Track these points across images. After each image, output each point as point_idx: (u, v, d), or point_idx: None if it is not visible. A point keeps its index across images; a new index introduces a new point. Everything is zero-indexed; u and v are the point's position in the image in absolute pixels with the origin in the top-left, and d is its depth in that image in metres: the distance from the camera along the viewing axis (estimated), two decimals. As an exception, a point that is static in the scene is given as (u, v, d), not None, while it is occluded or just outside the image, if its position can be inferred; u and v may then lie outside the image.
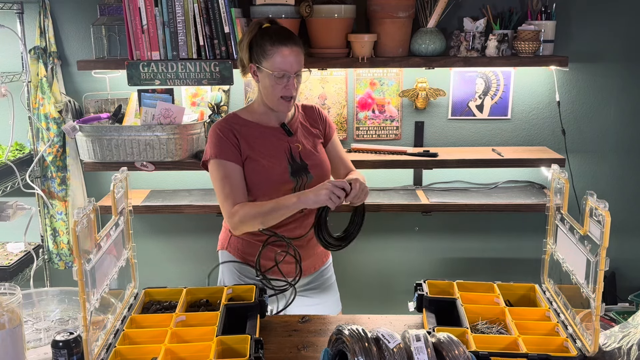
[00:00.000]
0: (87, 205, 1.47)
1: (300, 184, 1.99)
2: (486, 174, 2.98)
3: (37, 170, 2.85)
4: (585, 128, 2.95)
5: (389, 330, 1.33)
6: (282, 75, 1.92)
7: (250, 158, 1.98)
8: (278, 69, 1.91)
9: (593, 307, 1.49)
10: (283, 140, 2.02)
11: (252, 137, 2.00)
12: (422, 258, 3.13)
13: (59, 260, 2.94)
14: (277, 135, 2.02)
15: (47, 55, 2.77)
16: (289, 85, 1.93)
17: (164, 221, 3.06)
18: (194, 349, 1.53)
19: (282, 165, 1.99)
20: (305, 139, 2.07)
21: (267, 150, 1.99)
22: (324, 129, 2.15)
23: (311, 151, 2.06)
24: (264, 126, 2.02)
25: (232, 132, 1.98)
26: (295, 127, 2.07)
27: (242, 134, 2.00)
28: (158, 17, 2.54)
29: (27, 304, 1.85)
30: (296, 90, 1.97)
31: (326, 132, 2.15)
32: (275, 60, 1.90)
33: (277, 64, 1.91)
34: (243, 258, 2.08)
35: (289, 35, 1.95)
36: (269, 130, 2.02)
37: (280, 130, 2.03)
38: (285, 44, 1.91)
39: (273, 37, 1.92)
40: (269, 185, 1.97)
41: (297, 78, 1.95)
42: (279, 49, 1.90)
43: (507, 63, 2.67)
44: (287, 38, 1.93)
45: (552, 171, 1.81)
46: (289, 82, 1.93)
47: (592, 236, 1.51)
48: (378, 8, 2.62)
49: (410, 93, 2.86)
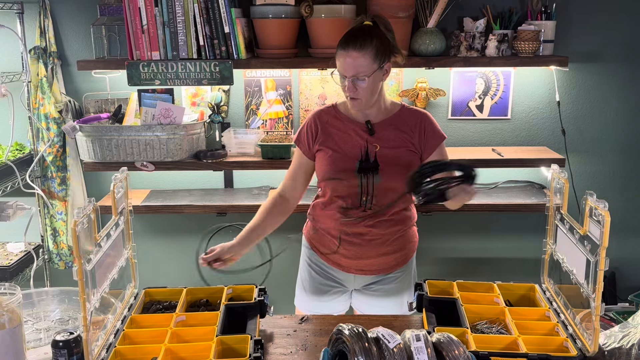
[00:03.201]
0: (87, 205, 1.47)
1: (366, 183, 1.97)
2: (486, 174, 2.98)
3: (37, 170, 2.85)
4: (585, 128, 2.95)
5: (389, 330, 1.34)
6: (342, 77, 1.96)
7: (322, 148, 2.03)
8: (338, 71, 1.97)
9: (593, 307, 1.49)
10: (362, 137, 2.01)
11: (335, 128, 2.05)
12: (422, 258, 3.12)
13: (59, 260, 2.94)
14: (358, 132, 2.02)
15: (47, 55, 2.77)
16: (347, 87, 1.94)
17: (164, 221, 3.06)
18: (194, 349, 1.53)
19: (351, 160, 1.99)
20: (391, 141, 2.01)
21: (343, 143, 2.01)
22: (421, 137, 2.03)
23: (390, 154, 2.00)
24: (351, 120, 2.05)
25: (316, 123, 2.07)
26: (382, 127, 2.03)
27: (327, 124, 2.05)
28: (158, 17, 2.54)
29: (27, 304, 1.85)
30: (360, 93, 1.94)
31: (422, 143, 2.03)
32: (337, 61, 1.96)
33: (338, 66, 1.96)
34: (311, 243, 2.16)
35: (356, 37, 1.93)
36: (352, 125, 2.04)
37: (363, 127, 2.03)
38: (344, 48, 1.92)
39: (342, 38, 1.95)
40: (332, 175, 1.99)
41: (358, 81, 1.93)
42: (339, 52, 1.94)
43: (507, 63, 2.67)
44: (349, 42, 1.92)
45: (552, 171, 1.81)
46: (347, 85, 1.94)
47: (592, 236, 1.51)
48: (378, 8, 2.61)
49: (410, 93, 2.86)
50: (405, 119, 2.05)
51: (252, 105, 2.92)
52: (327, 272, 2.13)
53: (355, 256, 2.05)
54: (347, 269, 2.08)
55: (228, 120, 2.91)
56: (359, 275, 2.09)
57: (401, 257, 2.10)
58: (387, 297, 2.10)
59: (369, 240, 2.02)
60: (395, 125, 2.03)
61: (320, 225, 2.10)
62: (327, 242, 2.08)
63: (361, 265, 2.06)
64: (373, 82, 1.93)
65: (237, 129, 2.85)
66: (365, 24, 1.97)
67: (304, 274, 2.19)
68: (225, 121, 2.86)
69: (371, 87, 1.94)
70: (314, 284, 2.15)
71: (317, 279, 2.14)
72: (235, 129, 2.83)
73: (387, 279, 2.10)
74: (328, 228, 2.07)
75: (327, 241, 2.08)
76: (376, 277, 2.09)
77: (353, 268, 2.08)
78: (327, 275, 2.13)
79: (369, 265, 2.06)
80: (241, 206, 2.76)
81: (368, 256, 2.04)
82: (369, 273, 2.08)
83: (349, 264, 2.07)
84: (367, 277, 2.10)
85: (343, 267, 2.09)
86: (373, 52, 1.90)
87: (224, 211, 2.80)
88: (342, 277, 2.12)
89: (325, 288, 2.13)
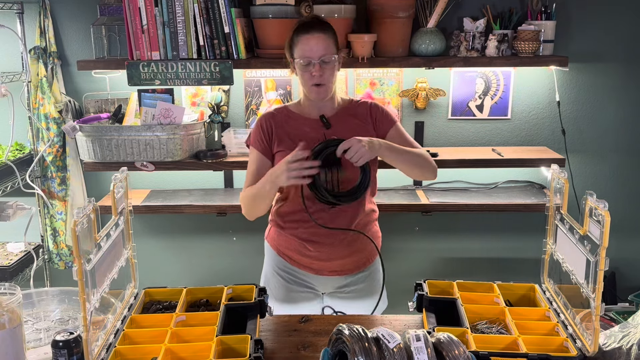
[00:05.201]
0: (87, 205, 1.47)
1: (330, 177, 1.96)
2: (486, 174, 2.98)
3: (37, 170, 2.85)
4: (585, 128, 2.95)
5: (389, 330, 1.33)
6: (307, 63, 1.95)
7: (280, 150, 2.01)
8: (301, 56, 1.96)
9: (593, 307, 1.49)
10: (318, 132, 2.01)
11: (291, 127, 2.04)
12: (422, 258, 3.13)
13: (59, 260, 2.94)
14: (314, 127, 2.03)
15: (47, 55, 2.77)
16: (314, 71, 1.95)
17: (164, 221, 3.06)
18: (194, 349, 1.53)
19: None
20: (349, 133, 1.98)
21: (299, 140, 1.96)
22: (374, 124, 2.08)
23: None
24: (304, 117, 2.06)
25: (270, 124, 2.06)
26: (337, 120, 2.05)
27: (281, 125, 2.05)
28: (158, 17, 2.54)
29: (27, 304, 1.85)
30: (326, 77, 1.96)
31: (377, 128, 2.08)
32: (299, 48, 1.96)
33: (300, 52, 1.96)
34: (277, 250, 2.13)
35: (314, 23, 1.98)
36: (308, 121, 2.05)
37: (318, 122, 2.04)
38: (308, 31, 1.95)
39: (299, 28, 1.98)
40: None
41: (325, 64, 1.95)
42: (301, 37, 1.95)
43: (507, 63, 2.67)
44: (310, 26, 1.96)
45: (552, 171, 1.81)
46: (314, 68, 1.94)
47: (592, 236, 1.51)
48: (378, 8, 2.61)
49: (410, 93, 2.86)
50: (356, 109, 2.09)
51: (252, 105, 2.92)
52: (297, 278, 2.11)
53: (328, 257, 2.04)
54: (319, 272, 2.08)
55: (228, 120, 2.91)
56: (331, 276, 2.08)
57: (369, 253, 2.11)
58: (358, 298, 2.11)
59: (340, 239, 2.02)
60: (351, 117, 2.07)
61: (287, 229, 2.07)
62: (296, 246, 2.06)
63: (333, 266, 2.06)
64: (336, 66, 1.99)
65: (237, 129, 2.85)
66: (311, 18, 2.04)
67: (273, 282, 2.14)
68: (225, 121, 2.86)
69: (334, 71, 1.98)
70: (284, 291, 2.12)
71: (287, 286, 2.12)
72: (235, 129, 2.83)
73: (357, 279, 2.10)
74: (295, 232, 2.05)
75: (296, 244, 2.06)
76: (347, 278, 2.09)
77: (325, 270, 2.07)
78: (297, 281, 2.11)
79: (340, 265, 2.06)
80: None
81: (340, 256, 2.04)
82: (342, 273, 2.08)
83: (320, 266, 2.06)
84: (339, 279, 2.09)
85: (314, 270, 2.07)
86: (333, 36, 1.98)
87: (224, 211, 2.80)
88: (313, 281, 2.10)
89: (296, 295, 2.11)
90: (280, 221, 2.09)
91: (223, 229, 3.07)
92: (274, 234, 2.14)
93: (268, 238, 2.18)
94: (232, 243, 3.10)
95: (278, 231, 2.12)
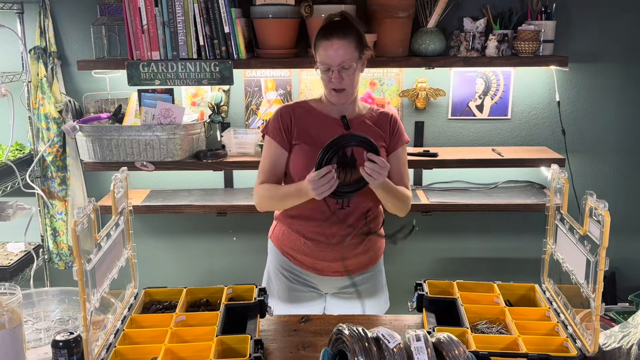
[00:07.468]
0: (87, 205, 1.47)
1: (343, 177, 1.95)
2: (486, 174, 2.98)
3: (37, 170, 2.85)
4: (585, 128, 2.95)
5: (389, 330, 1.33)
6: (326, 69, 1.95)
7: (298, 143, 2.01)
8: (321, 62, 1.96)
9: (593, 307, 1.49)
10: (338, 132, 1.99)
11: (310, 123, 2.03)
12: (422, 258, 3.13)
13: (59, 260, 2.94)
14: (334, 126, 2.02)
15: (47, 55, 2.77)
16: (333, 77, 1.95)
17: (164, 221, 3.06)
18: (194, 349, 1.53)
19: None
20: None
21: (319, 137, 1.97)
22: (390, 137, 2.07)
23: None
24: (325, 115, 2.05)
25: (290, 116, 2.04)
26: (357, 123, 2.04)
27: (301, 119, 2.03)
28: (158, 17, 2.54)
29: (27, 304, 1.85)
30: (346, 82, 1.95)
31: (390, 142, 2.08)
32: (320, 53, 1.95)
33: (321, 58, 1.95)
34: (281, 249, 2.12)
35: (336, 28, 1.95)
36: (328, 120, 2.04)
37: (339, 122, 2.03)
38: (327, 38, 1.93)
39: (321, 31, 1.96)
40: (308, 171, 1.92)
41: (344, 70, 1.94)
42: (322, 43, 1.94)
43: (507, 63, 2.67)
44: (331, 32, 1.93)
45: (552, 171, 1.81)
46: (333, 75, 1.94)
47: (592, 236, 1.51)
48: (378, 8, 2.61)
49: (410, 93, 2.86)
50: (377, 118, 2.08)
51: (252, 105, 2.92)
52: (301, 278, 2.11)
53: (333, 258, 2.03)
54: (323, 272, 2.07)
55: (228, 120, 2.91)
56: (335, 277, 2.08)
57: (373, 255, 2.11)
58: (361, 298, 2.11)
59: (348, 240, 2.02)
60: (370, 123, 2.06)
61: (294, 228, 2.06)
62: (301, 245, 2.06)
63: (337, 266, 2.05)
64: (356, 71, 1.97)
65: (237, 129, 2.85)
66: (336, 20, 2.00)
67: (276, 282, 2.15)
68: (225, 121, 2.87)
69: (354, 76, 1.97)
70: (287, 291, 2.12)
71: (291, 286, 2.11)
72: (235, 129, 2.83)
73: (360, 280, 2.10)
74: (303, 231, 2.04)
75: (300, 244, 2.06)
76: (350, 279, 2.09)
77: (329, 270, 2.06)
78: (301, 281, 2.11)
79: (345, 266, 2.06)
80: (241, 206, 2.76)
81: (345, 257, 2.04)
82: (345, 273, 2.08)
83: (324, 267, 2.06)
84: (343, 279, 2.08)
85: (318, 270, 2.07)
86: (355, 40, 1.94)
87: (224, 211, 2.80)
88: (317, 281, 2.10)
89: (299, 294, 2.11)
90: (288, 220, 2.09)
91: (223, 229, 3.07)
92: (279, 233, 2.14)
93: (272, 237, 2.18)
94: (232, 243, 3.10)
95: (284, 230, 2.11)
